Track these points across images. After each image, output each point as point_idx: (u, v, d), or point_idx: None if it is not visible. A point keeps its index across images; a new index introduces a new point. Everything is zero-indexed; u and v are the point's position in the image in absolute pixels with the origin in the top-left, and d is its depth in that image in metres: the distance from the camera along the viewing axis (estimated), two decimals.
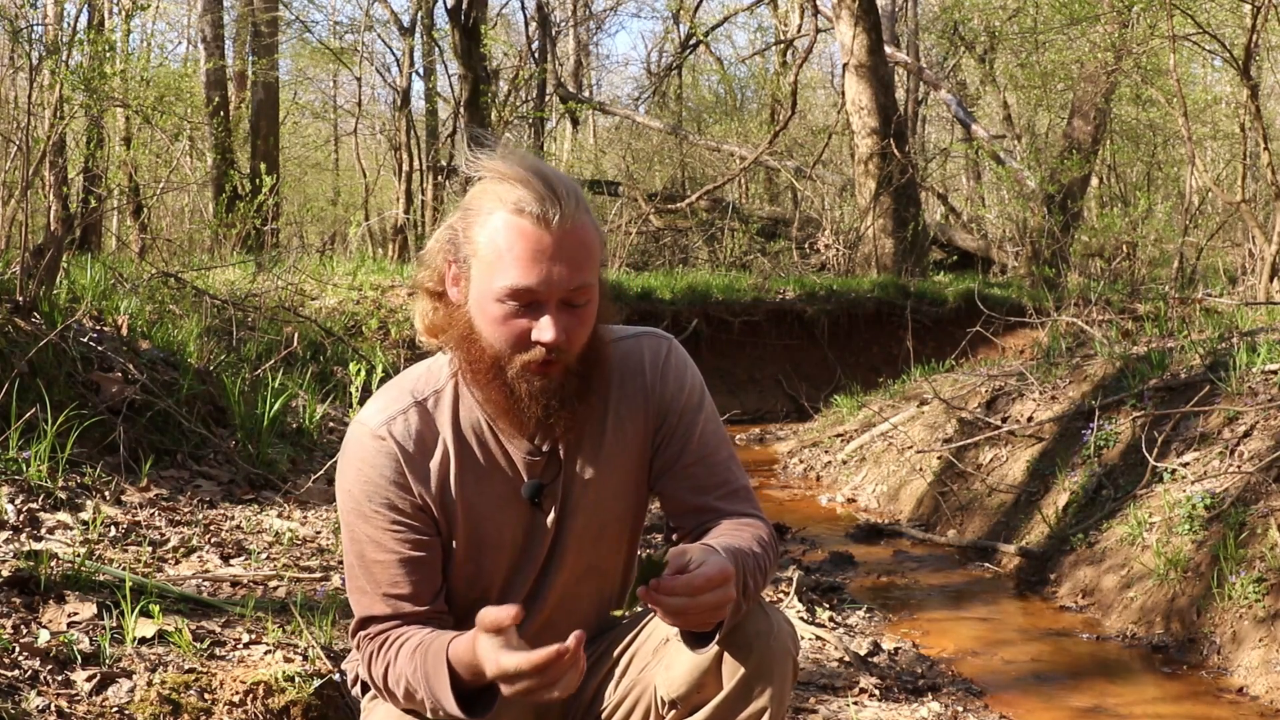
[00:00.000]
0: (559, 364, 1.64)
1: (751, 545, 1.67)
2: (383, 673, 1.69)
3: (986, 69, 18.09)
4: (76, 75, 6.90)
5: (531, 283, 1.59)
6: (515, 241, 1.59)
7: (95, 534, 3.07)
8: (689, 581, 1.49)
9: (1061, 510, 5.14)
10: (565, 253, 1.60)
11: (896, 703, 3.24)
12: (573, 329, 1.63)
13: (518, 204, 1.60)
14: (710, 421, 1.81)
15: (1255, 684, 3.52)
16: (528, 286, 1.59)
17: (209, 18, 15.45)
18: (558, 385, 1.65)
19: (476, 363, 1.67)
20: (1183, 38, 9.62)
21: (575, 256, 1.60)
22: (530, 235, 1.59)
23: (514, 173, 1.62)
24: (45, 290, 4.26)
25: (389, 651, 1.68)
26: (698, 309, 10.88)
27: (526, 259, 1.59)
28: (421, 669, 1.62)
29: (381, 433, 1.70)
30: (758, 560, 1.66)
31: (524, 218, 1.59)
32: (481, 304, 1.64)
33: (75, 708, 2.08)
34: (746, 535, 1.70)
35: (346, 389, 5.46)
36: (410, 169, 15.64)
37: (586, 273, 1.62)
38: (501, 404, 1.67)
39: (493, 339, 1.64)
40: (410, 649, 1.65)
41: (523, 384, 1.64)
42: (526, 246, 1.59)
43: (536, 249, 1.59)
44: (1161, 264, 12.61)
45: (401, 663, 1.65)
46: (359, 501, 1.70)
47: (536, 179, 1.61)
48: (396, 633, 1.69)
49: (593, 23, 25.47)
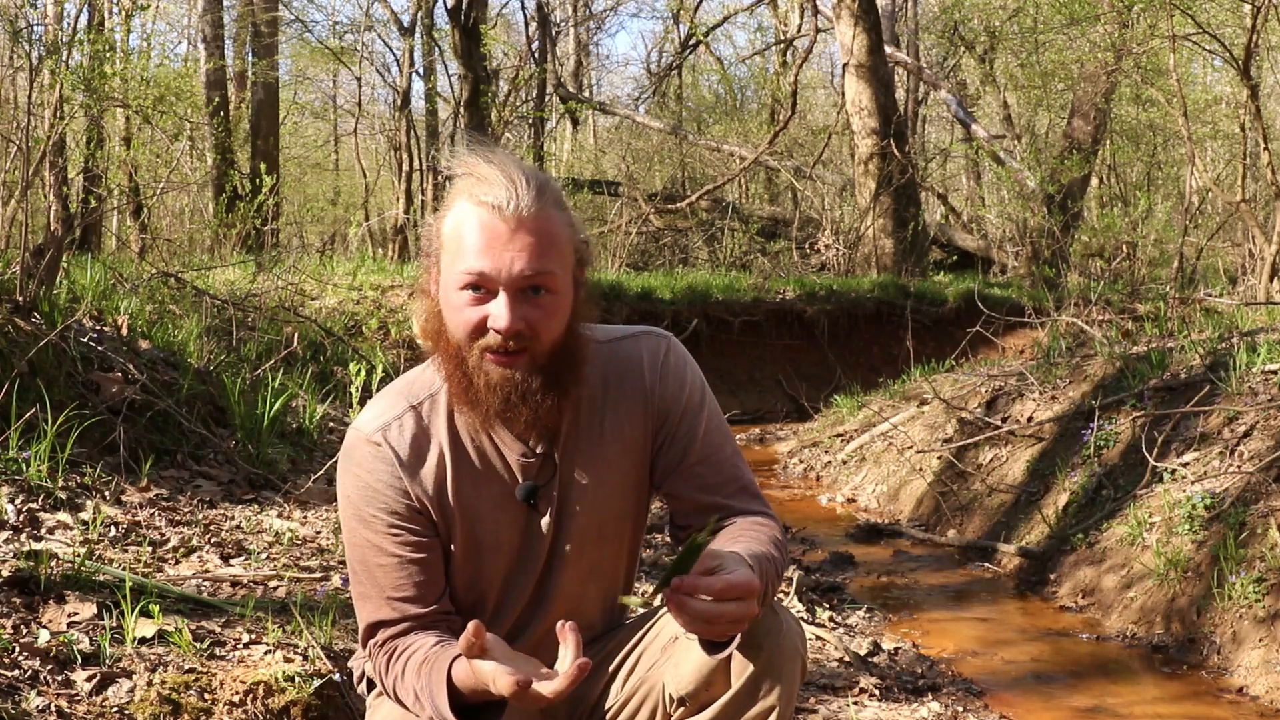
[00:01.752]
0: (523, 356, 1.63)
1: (770, 549, 1.67)
2: (393, 686, 1.70)
3: (986, 69, 18.09)
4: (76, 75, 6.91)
5: (484, 267, 1.60)
6: (472, 228, 1.62)
7: (95, 534, 3.07)
8: (710, 585, 1.47)
9: (1061, 510, 5.14)
10: (522, 240, 1.61)
11: (896, 703, 3.24)
12: (535, 320, 1.62)
13: (475, 193, 1.63)
14: (713, 419, 1.81)
15: (1255, 684, 3.52)
16: (480, 270, 1.61)
17: (209, 18, 15.44)
18: (520, 378, 1.64)
19: (444, 354, 1.69)
20: (1183, 38, 9.61)
21: (535, 244, 1.61)
22: (485, 222, 1.61)
23: (480, 167, 1.65)
24: (45, 290, 4.26)
25: (396, 665, 1.69)
26: (698, 309, 10.88)
27: (480, 245, 1.61)
28: (426, 685, 1.63)
29: (377, 439, 1.71)
30: (775, 565, 1.66)
31: (481, 206, 1.62)
32: (445, 293, 1.66)
33: (75, 708, 2.08)
34: (764, 537, 1.69)
35: (346, 389, 5.46)
36: (410, 169, 15.64)
37: (548, 261, 1.62)
38: (461, 395, 1.68)
39: (454, 328, 1.65)
40: (416, 663, 1.66)
41: (480, 374, 1.65)
42: (481, 233, 1.61)
43: (491, 235, 1.61)
44: (1161, 264, 12.61)
45: (409, 678, 1.66)
46: (358, 507, 1.71)
47: (498, 171, 1.63)
48: (404, 643, 1.70)
49: (593, 23, 25.49)
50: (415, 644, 1.69)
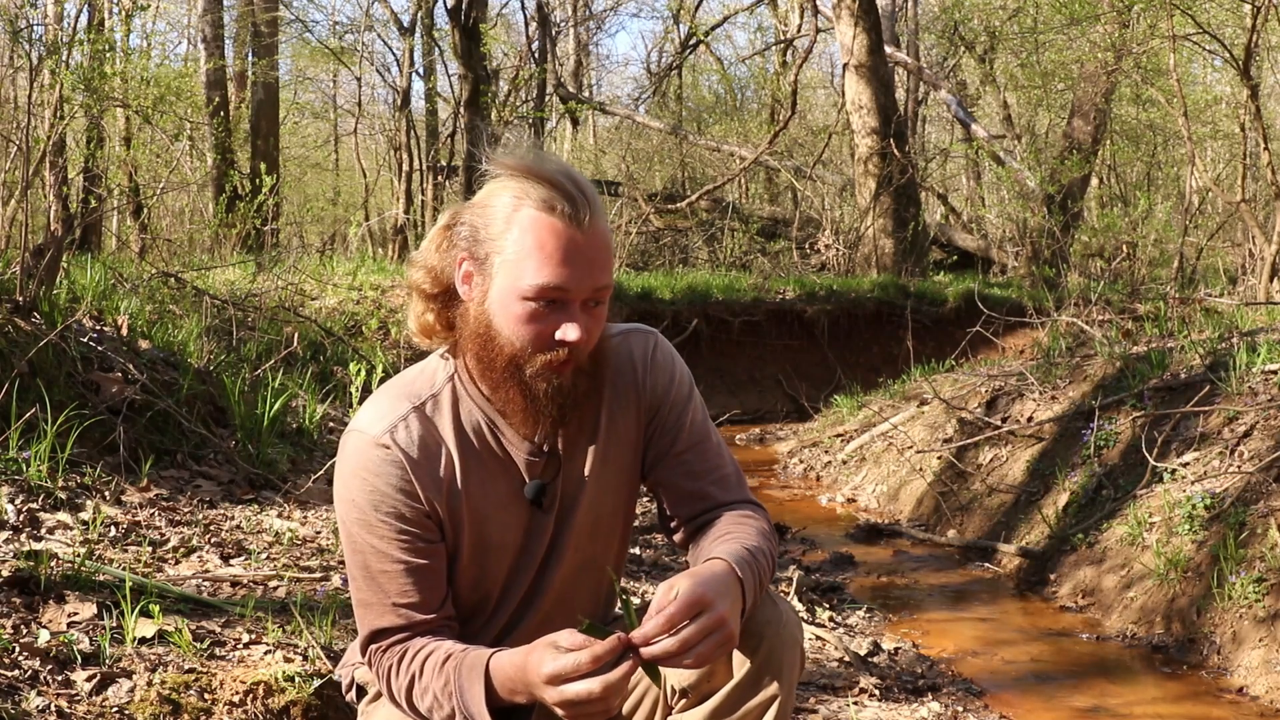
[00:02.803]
0: (572, 363, 1.65)
1: (756, 542, 1.68)
2: (406, 686, 1.65)
3: (986, 69, 18.08)
4: (76, 75, 6.91)
5: (564, 281, 1.59)
6: (548, 239, 1.58)
7: (95, 534, 3.07)
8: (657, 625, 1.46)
9: (1061, 510, 5.14)
10: (593, 253, 1.60)
11: (896, 703, 3.24)
12: (593, 330, 1.64)
13: (548, 201, 1.58)
14: (699, 410, 1.84)
15: (1255, 684, 3.52)
16: (560, 285, 1.59)
17: (209, 18, 15.43)
18: (570, 384, 1.65)
19: (491, 362, 1.65)
20: (1183, 38, 9.62)
21: (601, 258, 1.61)
22: (563, 234, 1.58)
23: (541, 170, 1.61)
24: (45, 290, 4.26)
25: (411, 665, 1.64)
26: (698, 309, 10.88)
27: (559, 258, 1.58)
28: (455, 682, 1.59)
29: (385, 441, 1.67)
30: (765, 557, 1.68)
31: (556, 216, 1.58)
32: (505, 301, 1.61)
33: (75, 708, 2.08)
34: (750, 530, 1.71)
35: (346, 389, 5.46)
36: (410, 169, 15.62)
37: (609, 274, 1.63)
38: (519, 404, 1.66)
39: (513, 337, 1.62)
40: (438, 662, 1.62)
41: (541, 383, 1.64)
42: (559, 245, 1.58)
43: (570, 247, 1.58)
44: (1161, 264, 12.61)
45: (428, 676, 1.62)
46: (364, 511, 1.67)
47: (564, 178, 1.60)
48: (415, 644, 1.66)
49: (593, 23, 25.47)
50: (432, 644, 1.65)
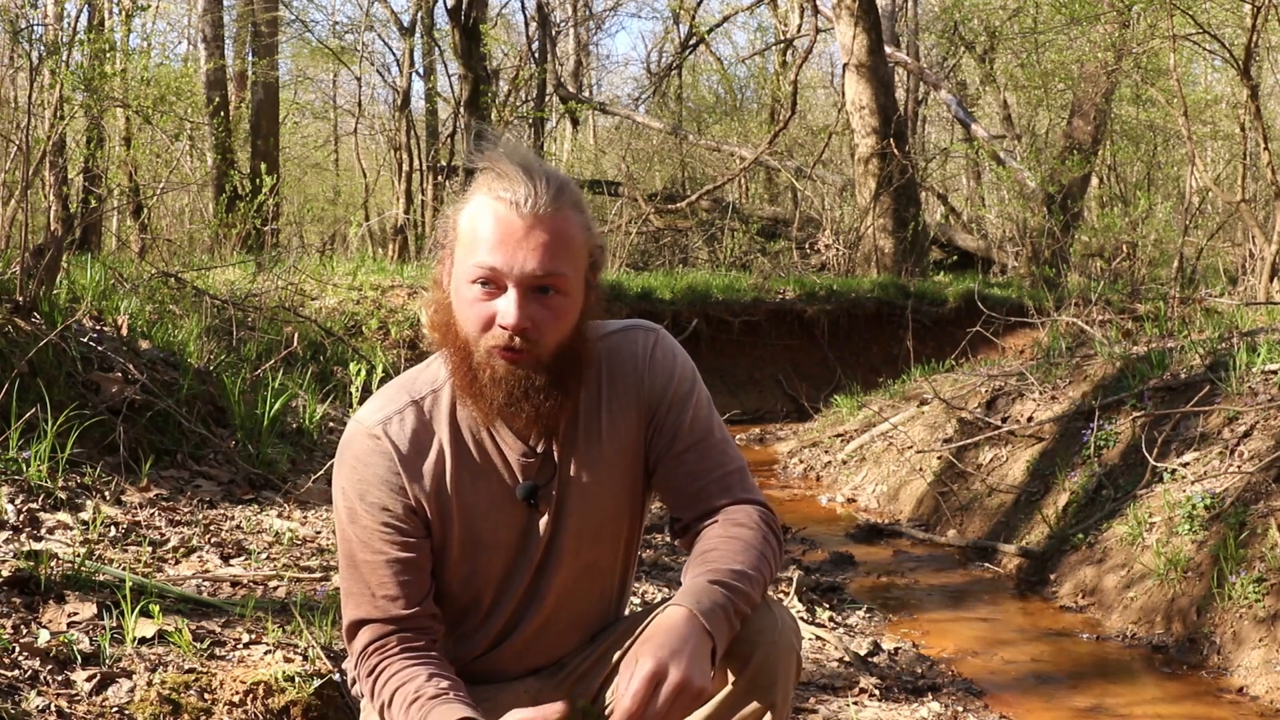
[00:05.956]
0: (528, 354, 1.64)
1: (741, 556, 1.65)
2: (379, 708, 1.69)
3: (986, 69, 18.08)
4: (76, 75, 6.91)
5: (496, 262, 1.61)
6: (486, 222, 1.63)
7: (95, 534, 3.07)
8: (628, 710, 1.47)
9: (1062, 510, 5.14)
10: (536, 238, 1.61)
11: (896, 703, 3.24)
12: (542, 319, 1.63)
13: (494, 188, 1.64)
14: (701, 406, 1.80)
15: (1255, 684, 3.52)
16: (492, 265, 1.61)
17: (209, 18, 15.43)
18: (524, 375, 1.65)
19: (451, 346, 1.69)
20: (1183, 38, 9.62)
21: (548, 244, 1.62)
22: (501, 218, 1.62)
23: (501, 164, 1.65)
24: (45, 290, 4.25)
25: (381, 689, 1.67)
26: (698, 309, 10.88)
27: (494, 240, 1.62)
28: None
29: (377, 432, 1.71)
30: (752, 569, 1.65)
31: (499, 201, 1.63)
32: (457, 287, 1.66)
33: (75, 708, 2.08)
34: (737, 543, 1.68)
35: (346, 389, 5.46)
36: (410, 169, 15.63)
37: (559, 262, 1.62)
38: (466, 388, 1.69)
39: (464, 320, 1.66)
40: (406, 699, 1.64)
41: (486, 369, 1.65)
42: (496, 228, 1.62)
43: (506, 231, 1.61)
44: (1161, 264, 12.61)
45: (396, 711, 1.65)
46: (351, 500, 1.71)
47: (520, 169, 1.64)
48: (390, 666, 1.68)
49: (593, 23, 25.47)
50: (403, 673, 1.67)
